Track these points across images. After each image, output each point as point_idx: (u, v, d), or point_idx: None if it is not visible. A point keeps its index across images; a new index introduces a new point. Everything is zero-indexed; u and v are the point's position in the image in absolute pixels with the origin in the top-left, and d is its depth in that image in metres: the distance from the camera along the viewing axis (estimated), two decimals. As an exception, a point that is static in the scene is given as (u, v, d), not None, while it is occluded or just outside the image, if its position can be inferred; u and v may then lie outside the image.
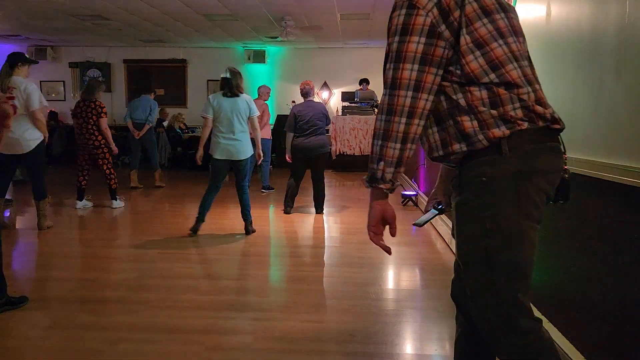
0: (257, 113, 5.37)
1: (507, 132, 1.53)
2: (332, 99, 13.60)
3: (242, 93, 5.28)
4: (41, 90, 8.07)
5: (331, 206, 7.17)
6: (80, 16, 9.56)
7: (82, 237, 5.27)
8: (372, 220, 1.65)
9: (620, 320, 2.06)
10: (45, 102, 5.27)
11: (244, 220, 5.42)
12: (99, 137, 6.53)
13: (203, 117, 5.23)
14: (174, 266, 4.26)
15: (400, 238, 5.39)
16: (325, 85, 13.61)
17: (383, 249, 1.67)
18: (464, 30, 1.55)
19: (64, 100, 13.27)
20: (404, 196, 7.31)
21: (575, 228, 2.45)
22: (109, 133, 6.57)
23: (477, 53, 1.56)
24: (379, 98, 12.01)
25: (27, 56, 5.34)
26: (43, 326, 2.99)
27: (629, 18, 2.03)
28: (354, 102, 11.88)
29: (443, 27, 1.54)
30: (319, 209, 6.61)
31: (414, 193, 7.26)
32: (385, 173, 1.58)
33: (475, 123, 1.56)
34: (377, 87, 12.55)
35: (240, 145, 5.22)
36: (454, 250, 2.05)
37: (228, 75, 5.22)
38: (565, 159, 1.65)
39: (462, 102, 1.57)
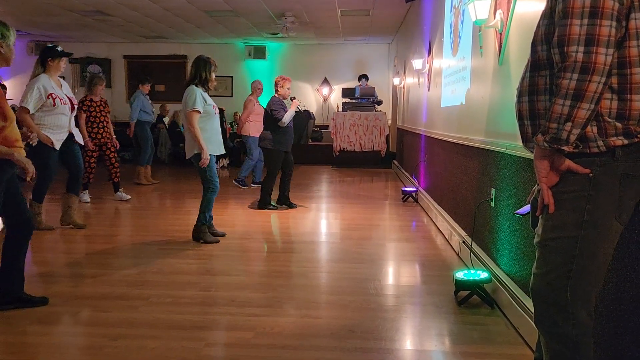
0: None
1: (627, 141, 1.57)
2: (332, 95, 13.59)
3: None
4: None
5: (331, 202, 7.18)
6: (81, 12, 9.56)
7: (82, 233, 5.28)
8: (543, 171, 1.63)
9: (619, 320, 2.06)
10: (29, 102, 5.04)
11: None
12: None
13: None
14: (174, 262, 4.27)
15: (400, 234, 5.40)
16: (325, 81, 13.60)
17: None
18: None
19: (64, 96, 13.28)
20: (405, 192, 7.32)
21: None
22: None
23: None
24: (379, 95, 11.91)
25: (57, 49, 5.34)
26: (44, 322, 3.01)
27: None
28: (354, 98, 11.85)
29: None
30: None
31: (414, 189, 7.26)
32: (571, 134, 1.54)
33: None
34: (375, 83, 12.54)
35: None
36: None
37: None
38: None
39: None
